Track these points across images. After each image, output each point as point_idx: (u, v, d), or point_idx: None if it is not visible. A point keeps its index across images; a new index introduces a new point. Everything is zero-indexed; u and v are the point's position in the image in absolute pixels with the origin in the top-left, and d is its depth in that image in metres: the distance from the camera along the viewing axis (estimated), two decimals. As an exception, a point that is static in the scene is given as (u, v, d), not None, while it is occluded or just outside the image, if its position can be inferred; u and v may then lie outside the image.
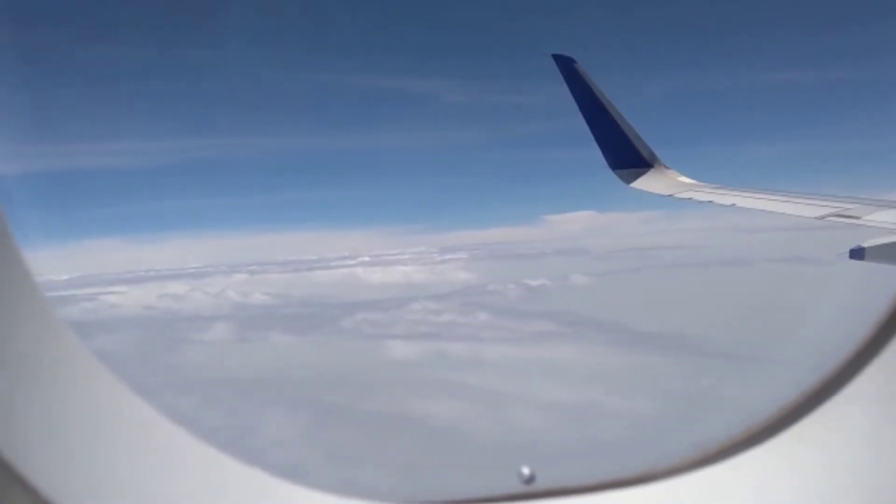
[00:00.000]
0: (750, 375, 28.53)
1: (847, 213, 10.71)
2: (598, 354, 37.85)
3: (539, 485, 1.39)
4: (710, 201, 12.37)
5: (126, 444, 1.25)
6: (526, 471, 1.49)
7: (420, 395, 31.31)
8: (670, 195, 12.74)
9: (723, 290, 53.64)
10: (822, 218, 11.02)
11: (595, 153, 13.65)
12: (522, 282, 66.39)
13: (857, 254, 10.14)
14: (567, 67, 13.60)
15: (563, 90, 13.62)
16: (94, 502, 1.08)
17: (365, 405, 29.96)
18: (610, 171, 13.63)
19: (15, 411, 1.07)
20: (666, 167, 13.21)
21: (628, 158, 13.25)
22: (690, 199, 12.57)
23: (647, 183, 13.09)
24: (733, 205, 12.20)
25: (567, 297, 59.83)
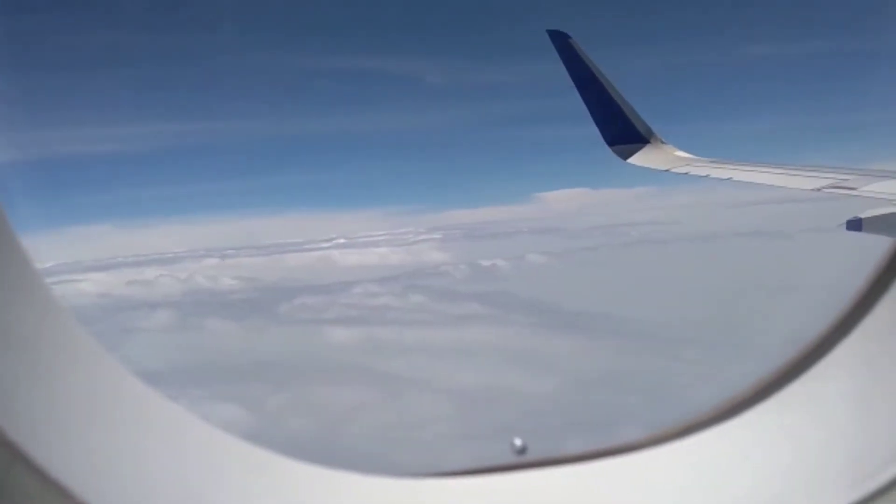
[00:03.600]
0: (664, 356, 29.48)
1: (844, 185, 11.09)
2: (512, 337, 38.39)
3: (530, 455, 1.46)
4: (707, 175, 12.90)
5: (128, 424, 1.32)
6: (518, 442, 1.55)
7: (324, 380, 31.45)
8: (667, 170, 13.25)
9: (672, 267, 55.36)
10: (818, 190, 11.49)
11: (588, 130, 14.09)
12: (476, 262, 67.21)
13: (855, 225, 10.63)
14: (562, 43, 13.93)
15: (551, 67, 13.99)
16: (98, 479, 1.14)
17: (265, 392, 29.87)
18: (604, 147, 14.06)
19: (18, 393, 1.12)
20: (663, 142, 13.70)
21: (625, 134, 13.68)
22: (687, 173, 13.10)
23: (644, 158, 13.56)
24: (730, 178, 12.74)
25: (513, 277, 60.80)
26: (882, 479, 1.06)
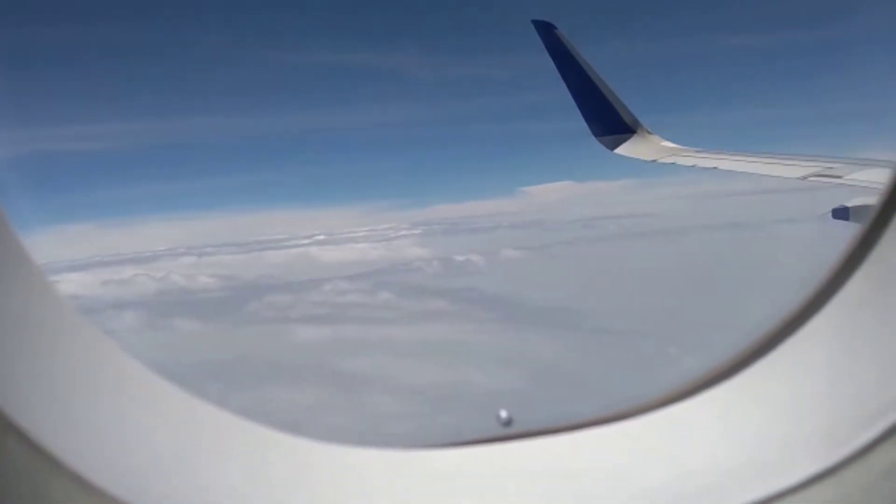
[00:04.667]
0: (618, 350, 29.80)
1: (829, 173, 11.30)
2: (473, 334, 38.55)
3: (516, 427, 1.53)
4: (693, 165, 13.09)
5: (123, 400, 1.36)
6: (504, 414, 1.61)
7: (282, 380, 31.31)
8: (654, 160, 13.41)
9: (646, 261, 55.93)
10: (804, 178, 11.70)
11: (575, 122, 14.21)
12: (451, 257, 67.33)
13: (841, 213, 10.78)
14: (548, 34, 14.02)
15: (537, 59, 14.07)
16: (88, 450, 1.19)
17: (220, 392, 29.60)
18: (590, 140, 14.19)
19: (13, 370, 1.16)
20: (649, 132, 13.85)
21: (611, 125, 13.81)
22: (674, 163, 13.27)
23: (631, 149, 13.70)
24: (715, 168, 12.95)
25: (485, 272, 61.00)
26: (852, 446, 1.14)
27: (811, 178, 11.55)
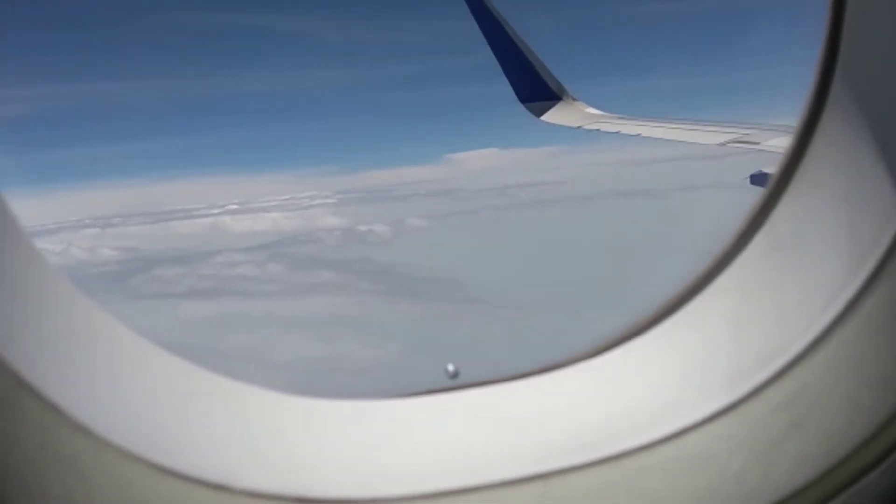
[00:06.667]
0: (499, 320, 30.47)
1: (747, 139, 11.92)
2: (354, 306, 38.85)
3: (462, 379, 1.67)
4: (618, 131, 13.44)
5: (115, 359, 1.43)
6: (451, 367, 1.85)
7: None
8: (579, 127, 13.67)
9: (542, 230, 57.03)
10: (723, 144, 12.26)
11: (498, 90, 14.29)
12: (354, 227, 66.61)
13: (759, 179, 11.34)
14: (474, -1, 13.95)
15: (464, 24, 13.98)
16: (91, 402, 1.26)
17: None
18: (515, 106, 14.30)
19: (19, 329, 1.24)
20: (574, 99, 14.07)
21: (538, 91, 13.94)
22: (598, 129, 13.57)
23: (557, 115, 13.89)
24: (639, 134, 13.35)
25: (383, 243, 60.87)
26: (751, 384, 1.34)
27: (730, 145, 12.10)
